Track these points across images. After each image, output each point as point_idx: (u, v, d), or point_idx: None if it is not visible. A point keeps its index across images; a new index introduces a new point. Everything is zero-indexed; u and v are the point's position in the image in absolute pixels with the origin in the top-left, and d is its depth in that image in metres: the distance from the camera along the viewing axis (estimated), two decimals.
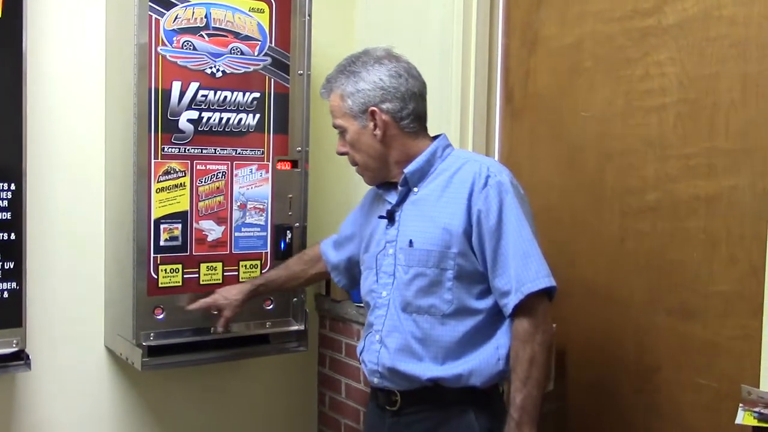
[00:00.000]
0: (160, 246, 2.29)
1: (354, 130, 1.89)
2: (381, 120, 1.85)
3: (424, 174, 1.87)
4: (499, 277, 1.76)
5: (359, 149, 1.90)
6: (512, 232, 1.75)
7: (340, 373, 2.84)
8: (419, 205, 1.86)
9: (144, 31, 2.23)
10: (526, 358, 1.73)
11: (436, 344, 1.80)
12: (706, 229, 1.88)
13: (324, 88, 1.94)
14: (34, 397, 2.44)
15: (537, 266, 1.74)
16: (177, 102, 2.29)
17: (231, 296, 2.28)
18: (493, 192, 1.76)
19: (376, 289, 1.91)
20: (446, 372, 1.79)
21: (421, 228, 1.83)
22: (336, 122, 1.92)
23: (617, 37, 2.08)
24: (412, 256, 1.82)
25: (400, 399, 1.86)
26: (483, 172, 1.79)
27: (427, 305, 1.81)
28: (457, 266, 1.78)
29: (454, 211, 1.79)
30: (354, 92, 1.87)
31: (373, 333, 1.90)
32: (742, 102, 1.81)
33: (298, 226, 2.52)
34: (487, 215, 1.76)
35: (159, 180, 2.28)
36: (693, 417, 1.91)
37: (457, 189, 1.81)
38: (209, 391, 2.74)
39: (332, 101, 1.91)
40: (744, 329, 1.80)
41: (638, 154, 2.03)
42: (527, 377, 1.72)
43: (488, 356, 1.79)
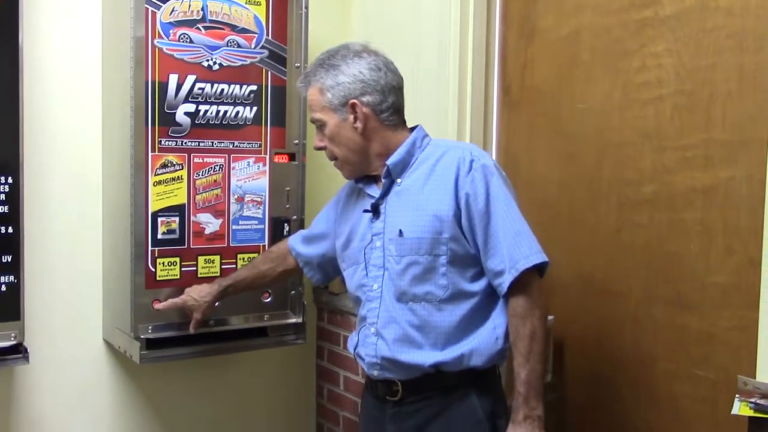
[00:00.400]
0: (158, 239, 2.29)
1: (334, 123, 1.89)
2: (362, 112, 1.86)
3: (406, 165, 1.89)
4: (492, 257, 1.78)
5: (339, 143, 1.90)
6: (501, 213, 1.78)
7: (339, 366, 2.84)
8: (404, 195, 1.87)
9: (140, 24, 2.23)
10: (526, 333, 1.76)
11: (435, 330, 1.82)
12: (703, 220, 1.88)
13: (302, 82, 1.96)
14: (32, 390, 2.45)
15: (529, 243, 1.77)
16: (174, 95, 2.29)
17: (200, 298, 2.25)
18: (479, 175, 1.79)
19: (366, 282, 1.91)
20: (447, 355, 1.80)
21: (410, 217, 1.84)
22: (315, 116, 1.92)
23: (614, 28, 2.07)
24: (403, 245, 1.83)
25: (401, 388, 1.87)
26: (467, 157, 1.81)
27: (423, 292, 1.82)
28: (450, 251, 1.80)
29: (441, 197, 1.81)
30: (334, 85, 1.87)
31: (367, 326, 1.90)
32: (738, 93, 1.81)
33: (296, 219, 2.52)
34: (476, 198, 1.78)
35: (156, 173, 2.28)
36: (690, 408, 1.92)
37: (442, 175, 1.83)
38: (208, 384, 2.75)
39: (311, 95, 1.92)
40: (741, 320, 1.81)
41: (635, 146, 2.03)
42: (530, 352, 1.75)
43: (487, 336, 1.82)
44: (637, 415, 2.04)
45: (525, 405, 1.75)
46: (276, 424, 2.91)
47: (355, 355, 1.97)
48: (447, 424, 1.84)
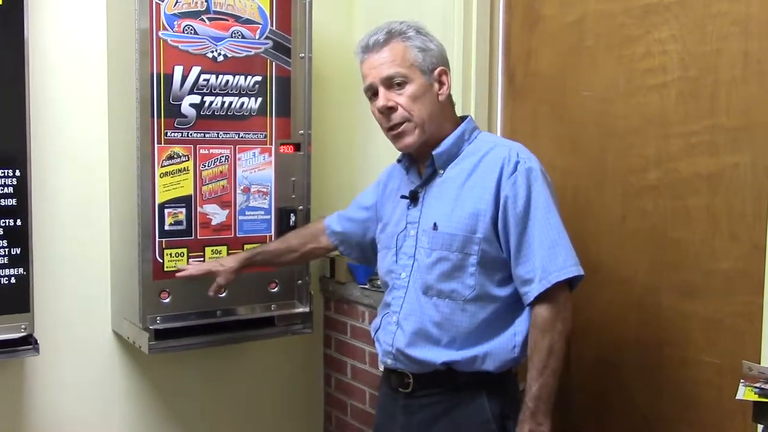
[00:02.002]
0: (165, 230, 2.31)
1: (421, 83, 1.81)
2: (448, 83, 1.85)
3: (451, 156, 1.84)
4: (522, 264, 1.73)
5: (423, 104, 1.81)
6: (540, 220, 1.72)
7: (346, 355, 2.85)
8: (445, 187, 1.83)
9: (145, 16, 2.23)
10: (544, 347, 1.71)
11: (455, 329, 1.78)
12: (708, 207, 1.89)
13: (381, 35, 1.83)
14: (42, 381, 2.47)
15: (565, 255, 1.71)
16: (179, 87, 2.30)
17: (227, 264, 2.25)
18: (522, 178, 1.74)
19: (395, 269, 1.89)
20: (461, 356, 1.78)
21: (447, 211, 1.80)
22: (397, 71, 1.80)
23: (618, 15, 2.07)
24: (435, 239, 1.80)
25: (412, 381, 1.85)
26: (512, 158, 1.76)
27: (449, 290, 1.79)
28: (481, 251, 1.76)
29: (481, 195, 1.77)
30: (426, 49, 1.82)
31: (390, 314, 1.89)
32: (743, 79, 1.81)
33: (302, 209, 2.53)
34: (515, 201, 1.73)
35: (162, 165, 2.29)
36: (695, 393, 1.93)
37: (485, 173, 1.78)
38: (216, 374, 2.76)
39: (394, 49, 1.81)
40: (745, 306, 1.81)
41: (640, 133, 2.03)
42: (544, 366, 1.71)
43: (505, 342, 1.78)
44: (643, 400, 2.05)
45: (532, 419, 1.71)
46: (284, 413, 2.93)
47: (375, 339, 1.96)
48: (455, 422, 1.81)
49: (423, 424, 1.85)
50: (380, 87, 1.82)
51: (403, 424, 1.88)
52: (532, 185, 1.74)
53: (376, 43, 1.83)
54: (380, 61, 1.82)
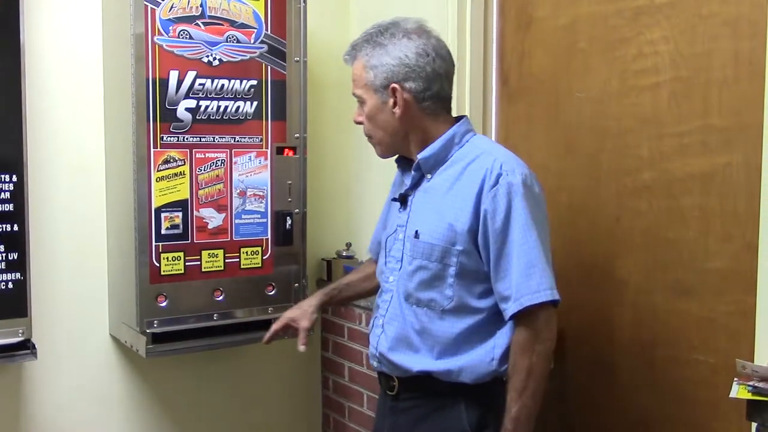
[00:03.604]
0: (162, 234, 2.32)
1: (373, 104, 1.81)
2: (402, 98, 1.77)
3: (439, 161, 1.80)
4: (501, 281, 1.70)
5: (376, 124, 1.83)
6: (517, 238, 1.67)
7: (344, 357, 2.86)
8: (430, 194, 1.81)
9: (140, 21, 2.24)
10: (523, 368, 1.68)
11: (433, 338, 1.77)
12: (701, 206, 1.89)
13: (348, 54, 1.86)
14: (40, 385, 2.48)
15: (539, 278, 1.67)
16: (175, 91, 2.31)
17: (304, 306, 2.15)
18: (502, 192, 1.68)
19: (384, 272, 1.90)
20: (437, 366, 1.77)
21: (428, 220, 1.78)
22: (355, 92, 1.84)
23: (611, 17, 2.08)
24: (416, 247, 1.78)
25: (397, 384, 1.86)
26: (495, 169, 1.70)
27: (427, 299, 1.77)
28: (460, 264, 1.73)
29: (461, 207, 1.73)
30: (377, 65, 1.78)
31: (378, 317, 1.90)
32: (734, 79, 1.82)
33: (298, 212, 2.54)
34: (493, 216, 1.69)
35: (159, 169, 2.30)
36: (689, 392, 1.93)
37: (467, 183, 1.74)
38: (214, 377, 2.77)
39: (355, 69, 1.84)
40: (739, 305, 1.82)
41: (633, 134, 2.03)
42: (524, 388, 1.68)
43: (483, 355, 1.75)
44: (638, 400, 2.06)
45: None
46: (282, 415, 2.93)
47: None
48: (433, 428, 1.81)
49: (405, 427, 1.86)
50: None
51: (391, 424, 1.90)
52: (513, 200, 1.68)
53: (346, 62, 1.88)
54: (352, 77, 1.86)
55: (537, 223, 1.69)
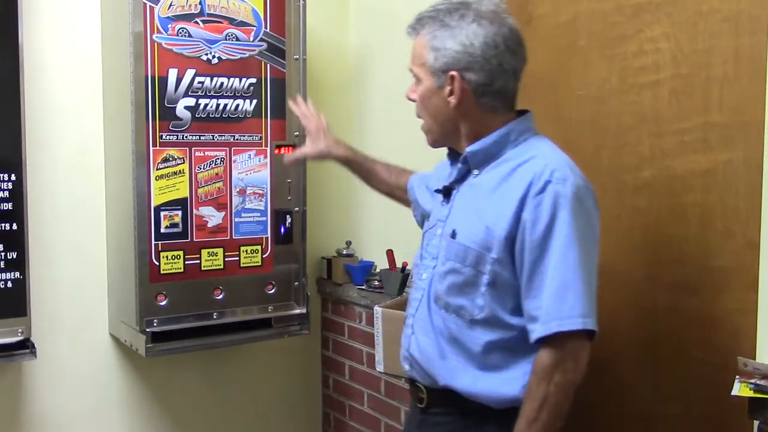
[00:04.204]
0: (161, 233, 2.31)
1: (427, 87, 1.64)
2: (459, 88, 1.60)
3: (489, 157, 1.64)
4: (531, 299, 1.54)
5: (427, 108, 1.67)
6: (556, 254, 1.51)
7: (344, 356, 2.86)
8: (475, 191, 1.66)
9: (139, 20, 2.24)
10: (537, 396, 1.52)
11: (458, 346, 1.63)
12: (702, 203, 1.89)
13: (412, 27, 1.67)
14: (40, 384, 2.47)
15: (573, 302, 1.51)
16: (174, 89, 2.30)
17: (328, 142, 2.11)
18: (548, 201, 1.52)
19: (419, 265, 1.76)
20: (462, 385, 1.63)
21: (467, 220, 1.63)
22: (413, 68, 1.67)
23: (611, 14, 2.07)
24: (451, 248, 1.64)
25: (426, 397, 1.72)
26: (544, 175, 1.54)
27: (457, 305, 1.63)
28: (493, 272, 1.58)
29: (502, 210, 1.57)
30: (440, 48, 1.60)
31: (408, 316, 1.76)
32: (735, 76, 1.81)
33: (298, 211, 2.54)
34: (533, 226, 1.52)
35: (158, 167, 2.29)
36: (691, 390, 1.93)
37: (513, 186, 1.58)
38: (213, 376, 2.77)
39: (416, 44, 1.66)
40: (740, 302, 1.81)
41: (633, 131, 2.03)
42: (534, 419, 1.52)
43: (514, 379, 1.59)
44: (639, 397, 2.05)
45: None
46: (282, 414, 2.93)
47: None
48: None
49: None
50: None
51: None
52: (558, 212, 1.51)
53: (409, 33, 1.68)
54: (412, 51, 1.68)
55: (583, 241, 1.54)
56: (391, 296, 2.51)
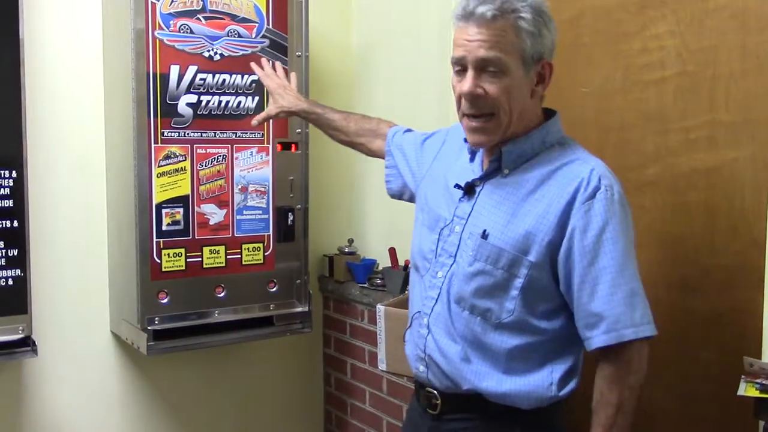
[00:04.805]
0: (163, 231, 2.30)
1: (519, 76, 1.53)
2: (549, 79, 1.58)
3: (523, 157, 1.60)
4: (586, 305, 1.51)
5: (514, 100, 1.54)
6: (615, 262, 1.49)
7: (346, 354, 2.85)
8: (506, 191, 1.59)
9: (140, 16, 2.23)
10: (613, 402, 1.51)
11: (482, 349, 1.60)
12: (707, 202, 1.88)
13: (495, 8, 1.50)
14: (41, 382, 2.47)
15: (643, 309, 1.51)
16: (176, 86, 2.29)
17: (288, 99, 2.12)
18: (599, 208, 1.50)
19: (431, 261, 1.68)
20: (488, 387, 1.59)
21: (502, 221, 1.57)
22: (497, 56, 1.50)
23: (615, 11, 2.06)
24: (482, 248, 1.57)
25: (440, 403, 1.66)
26: (592, 181, 1.51)
27: (484, 308, 1.58)
28: (530, 277, 1.54)
29: (544, 215, 1.53)
30: (536, 33, 1.52)
31: (421, 314, 1.69)
32: (741, 74, 1.80)
33: (300, 208, 2.53)
34: (584, 233, 1.50)
35: (159, 165, 2.28)
36: (695, 389, 1.92)
37: (556, 190, 1.54)
38: (215, 374, 2.76)
39: (499, 28, 1.50)
40: (746, 302, 1.80)
41: (638, 129, 2.02)
42: (612, 425, 1.51)
43: (541, 380, 1.58)
44: (644, 397, 2.04)
45: None
46: (284, 412, 2.92)
47: (405, 340, 1.79)
48: None
49: None
50: (470, 68, 1.53)
51: None
52: (610, 219, 1.50)
53: (482, 16, 1.50)
54: (481, 37, 1.51)
55: (632, 247, 1.54)
56: (393, 294, 2.50)
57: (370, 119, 2.09)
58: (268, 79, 2.20)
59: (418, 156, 1.89)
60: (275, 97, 2.15)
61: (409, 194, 1.93)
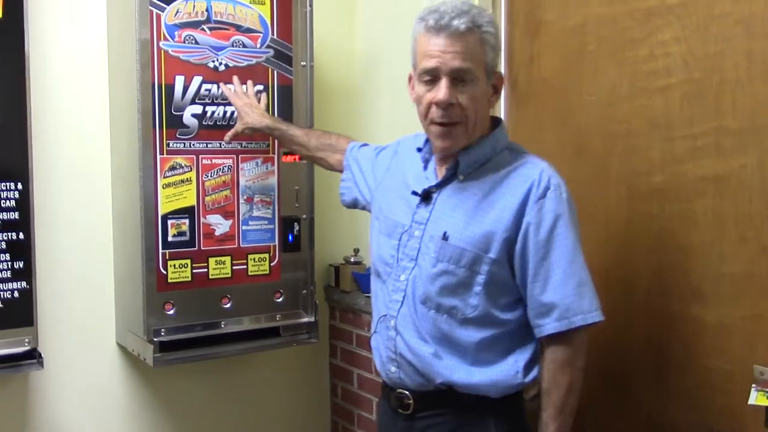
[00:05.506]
0: (168, 242, 2.30)
1: (483, 87, 1.67)
2: (501, 89, 1.75)
3: (476, 163, 1.73)
4: (538, 296, 1.65)
5: (479, 108, 1.68)
6: (566, 254, 1.63)
7: (352, 364, 2.84)
8: (463, 195, 1.72)
9: (145, 27, 2.23)
10: (564, 384, 1.65)
11: (450, 344, 1.70)
12: (715, 209, 1.87)
13: (463, 21, 1.62)
14: (47, 395, 2.46)
15: (591, 297, 1.65)
16: (181, 97, 2.29)
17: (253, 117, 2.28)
18: (550, 206, 1.64)
19: (394, 268, 1.78)
20: (460, 378, 1.70)
21: (460, 223, 1.69)
22: (467, 66, 1.64)
23: (621, 18, 2.06)
24: (444, 250, 1.69)
25: (413, 402, 1.76)
26: (543, 181, 1.66)
27: (449, 306, 1.69)
28: (490, 273, 1.67)
29: (500, 214, 1.66)
30: (496, 47, 1.68)
31: (387, 319, 1.79)
32: (748, 80, 1.79)
33: (306, 218, 2.52)
34: (537, 229, 1.64)
35: (165, 176, 2.28)
36: (705, 398, 1.90)
37: (510, 191, 1.67)
38: (221, 385, 2.75)
39: (470, 41, 1.63)
40: (755, 309, 1.79)
41: (644, 136, 2.01)
42: (564, 405, 1.65)
43: (507, 369, 1.70)
44: (652, 406, 2.03)
45: None
46: (291, 423, 2.91)
47: (372, 346, 1.88)
48: None
49: None
50: (445, 78, 1.64)
51: None
52: (561, 216, 1.64)
53: (456, 30, 1.62)
54: (455, 49, 1.62)
55: (580, 241, 1.67)
56: None
57: (330, 135, 2.27)
58: (236, 98, 2.32)
59: (373, 168, 2.03)
60: (241, 114, 2.30)
61: (362, 204, 2.08)
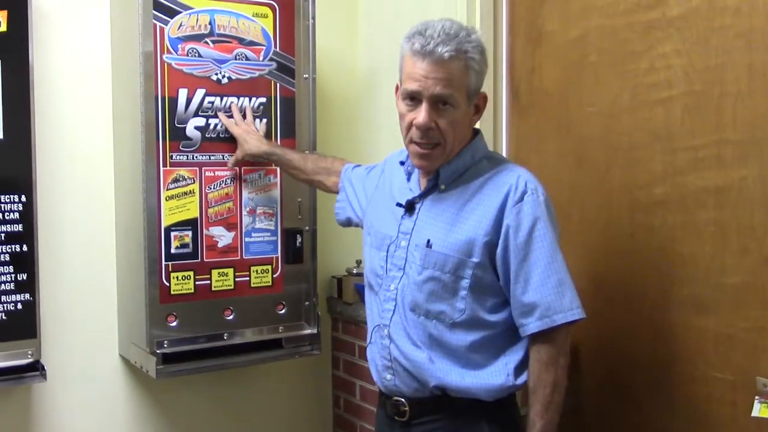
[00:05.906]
0: (171, 254, 2.30)
1: (463, 112, 1.73)
2: (484, 108, 1.80)
3: (456, 173, 1.79)
4: (521, 296, 1.70)
5: (458, 132, 1.74)
6: (545, 255, 1.68)
7: (354, 376, 2.84)
8: (444, 203, 1.78)
9: (149, 40, 2.24)
10: (549, 382, 1.69)
11: (441, 349, 1.75)
12: (717, 221, 1.87)
13: (452, 50, 1.67)
14: (50, 407, 2.46)
15: (571, 295, 1.69)
16: (184, 109, 2.30)
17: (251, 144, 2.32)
18: (527, 210, 1.69)
19: (384, 279, 1.84)
20: (453, 381, 1.74)
21: (443, 230, 1.75)
22: (448, 92, 1.69)
23: (622, 30, 2.07)
24: (428, 257, 1.75)
25: (408, 409, 1.81)
26: (520, 186, 1.71)
27: (437, 311, 1.75)
28: (474, 276, 1.72)
29: (480, 220, 1.72)
30: (480, 72, 1.73)
31: (380, 328, 1.85)
32: (749, 92, 1.80)
33: (308, 230, 2.52)
34: (516, 231, 1.69)
35: (168, 188, 2.29)
36: (708, 410, 1.90)
37: (489, 197, 1.73)
38: (224, 397, 2.75)
39: (454, 67, 1.68)
40: (757, 321, 1.79)
41: (646, 148, 2.02)
42: (550, 402, 1.68)
43: (497, 372, 1.74)
44: (655, 418, 2.03)
45: None
46: None
47: (368, 357, 1.92)
48: None
49: None
50: (426, 101, 1.70)
51: None
52: (539, 218, 1.69)
53: (440, 57, 1.66)
54: (437, 75, 1.67)
55: (558, 242, 1.72)
56: None
57: (325, 158, 2.33)
58: (235, 126, 2.35)
59: (364, 186, 2.10)
60: (240, 142, 2.33)
61: (355, 222, 2.16)
